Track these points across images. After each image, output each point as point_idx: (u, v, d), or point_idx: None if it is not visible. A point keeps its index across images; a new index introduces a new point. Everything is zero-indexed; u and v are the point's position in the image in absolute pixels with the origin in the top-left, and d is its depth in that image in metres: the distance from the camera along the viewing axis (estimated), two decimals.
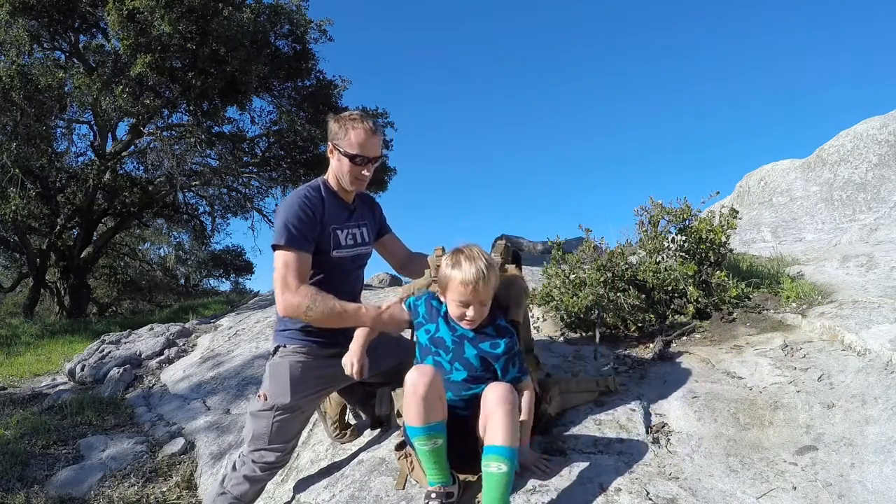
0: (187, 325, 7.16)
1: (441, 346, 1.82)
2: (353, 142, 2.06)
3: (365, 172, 2.12)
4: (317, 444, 2.61)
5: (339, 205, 2.18)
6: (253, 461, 2.12)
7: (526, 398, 1.80)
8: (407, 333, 2.15)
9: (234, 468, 2.18)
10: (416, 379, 1.62)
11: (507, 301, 1.94)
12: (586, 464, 1.78)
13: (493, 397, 1.61)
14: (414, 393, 1.61)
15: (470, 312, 1.73)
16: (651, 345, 2.50)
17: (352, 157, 2.07)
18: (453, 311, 1.78)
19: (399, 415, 1.95)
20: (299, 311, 1.93)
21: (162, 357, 5.87)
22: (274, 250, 2.03)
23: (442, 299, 1.84)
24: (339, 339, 2.20)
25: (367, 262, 2.35)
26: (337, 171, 2.14)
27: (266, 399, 2.11)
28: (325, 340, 2.16)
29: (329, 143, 2.15)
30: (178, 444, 3.76)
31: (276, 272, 1.98)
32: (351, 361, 1.91)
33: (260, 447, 2.11)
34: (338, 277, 2.15)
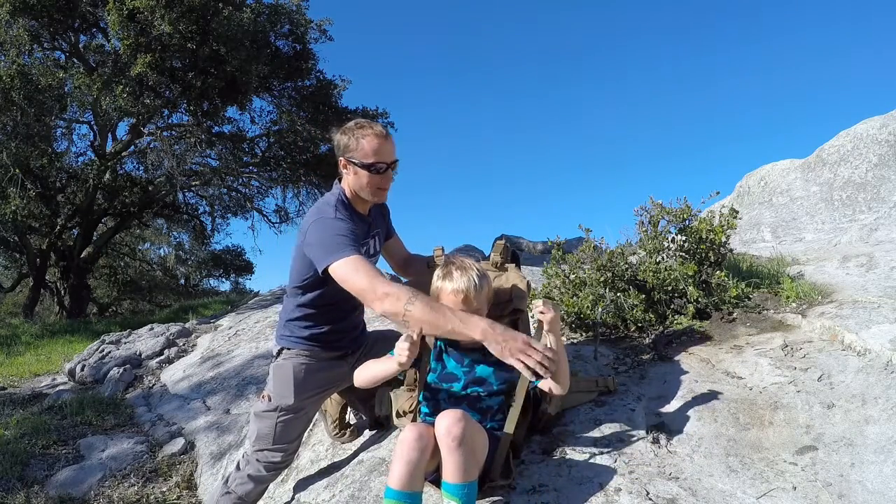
0: (187, 325, 7.15)
1: (452, 380, 1.77)
2: (368, 150, 1.95)
3: (385, 181, 2.02)
4: (317, 444, 2.61)
5: (359, 220, 2.08)
6: (258, 460, 2.12)
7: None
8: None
9: (238, 468, 2.19)
10: (410, 440, 1.52)
11: (510, 294, 1.98)
12: (586, 464, 1.78)
13: (438, 428, 1.51)
14: (400, 455, 1.51)
15: None
16: (651, 345, 2.50)
17: (370, 167, 1.96)
18: None
19: (399, 415, 1.96)
20: (398, 310, 1.67)
21: (162, 357, 5.87)
22: (326, 272, 1.83)
23: None
24: (341, 342, 2.21)
25: None
26: (355, 185, 2.02)
27: (270, 400, 2.12)
28: (327, 344, 2.16)
29: (340, 158, 2.02)
30: (178, 444, 3.76)
31: (353, 283, 1.76)
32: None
33: (264, 447, 2.11)
34: (346, 292, 2.12)
